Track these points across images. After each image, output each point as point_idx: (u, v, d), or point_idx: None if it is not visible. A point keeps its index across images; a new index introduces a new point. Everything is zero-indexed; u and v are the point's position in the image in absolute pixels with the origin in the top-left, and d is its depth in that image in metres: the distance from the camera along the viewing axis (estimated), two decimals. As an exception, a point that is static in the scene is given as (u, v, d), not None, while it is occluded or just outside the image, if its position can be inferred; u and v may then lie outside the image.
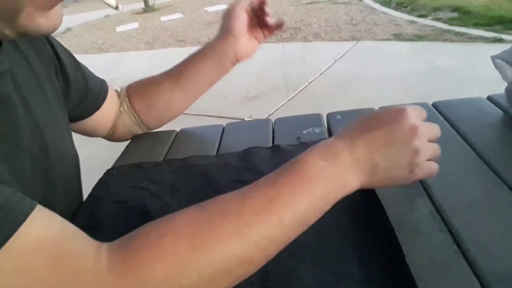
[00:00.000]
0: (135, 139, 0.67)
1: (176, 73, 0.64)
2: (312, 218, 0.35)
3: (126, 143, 0.67)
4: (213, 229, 0.31)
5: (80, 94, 0.57)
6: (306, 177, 0.35)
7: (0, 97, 0.37)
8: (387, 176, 0.37)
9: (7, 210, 0.26)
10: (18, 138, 0.39)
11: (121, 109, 0.64)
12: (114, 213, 0.46)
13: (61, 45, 0.56)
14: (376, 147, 0.37)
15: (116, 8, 0.49)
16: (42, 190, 0.42)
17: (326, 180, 0.35)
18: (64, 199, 0.47)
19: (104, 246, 0.30)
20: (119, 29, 6.49)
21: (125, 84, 0.66)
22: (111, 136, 0.67)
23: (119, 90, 0.65)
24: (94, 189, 0.52)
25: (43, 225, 0.28)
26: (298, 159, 0.37)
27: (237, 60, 0.63)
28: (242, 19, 0.60)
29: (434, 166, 0.39)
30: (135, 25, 6.63)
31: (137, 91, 0.65)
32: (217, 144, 0.63)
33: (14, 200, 0.27)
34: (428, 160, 0.38)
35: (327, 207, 0.35)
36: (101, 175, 0.55)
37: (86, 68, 0.61)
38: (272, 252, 0.33)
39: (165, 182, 0.51)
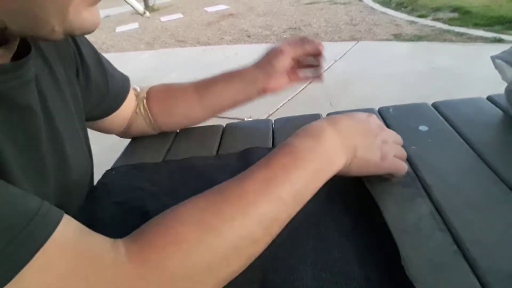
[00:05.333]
0: (135, 139, 0.67)
1: (202, 87, 0.63)
2: (308, 195, 0.38)
3: (126, 143, 0.67)
4: (217, 212, 0.33)
5: (99, 95, 0.55)
6: (297, 157, 0.38)
7: (23, 108, 0.36)
8: (363, 159, 0.42)
9: (40, 217, 0.27)
10: (38, 151, 0.38)
11: (137, 110, 0.63)
12: (113, 214, 0.46)
13: (87, 42, 0.54)
14: (354, 132, 0.42)
15: (144, 14, 0.49)
16: (58, 199, 0.41)
17: (315, 157, 0.39)
18: (76, 205, 0.47)
19: (119, 241, 0.32)
20: (119, 29, 6.49)
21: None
22: (124, 134, 0.66)
23: (138, 90, 0.64)
24: (93, 189, 0.52)
25: (66, 229, 0.29)
26: (286, 143, 0.40)
27: (264, 92, 0.61)
28: (285, 62, 0.60)
29: (402, 163, 0.45)
30: (135, 25, 6.63)
31: (159, 96, 0.64)
32: (217, 144, 0.63)
33: (44, 209, 0.28)
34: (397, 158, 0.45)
35: (320, 184, 0.39)
36: (101, 175, 0.55)
37: (110, 64, 0.59)
38: (275, 230, 0.35)
39: (164, 183, 0.51)
